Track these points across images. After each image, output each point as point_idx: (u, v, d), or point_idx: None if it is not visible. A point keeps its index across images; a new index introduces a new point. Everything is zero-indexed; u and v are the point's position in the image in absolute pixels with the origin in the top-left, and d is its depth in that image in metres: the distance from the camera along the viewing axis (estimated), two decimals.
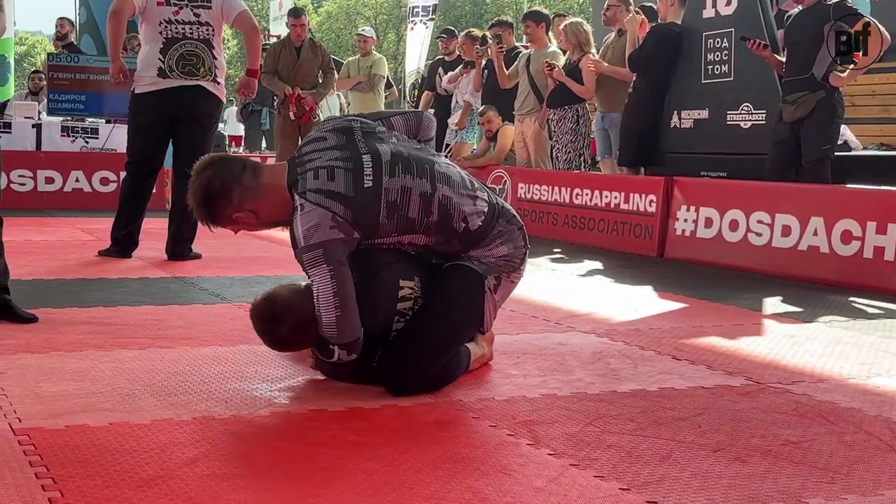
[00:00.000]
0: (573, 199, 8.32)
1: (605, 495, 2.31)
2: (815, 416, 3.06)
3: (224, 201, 3.07)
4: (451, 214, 3.15)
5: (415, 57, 16.78)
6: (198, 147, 6.31)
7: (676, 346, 4.06)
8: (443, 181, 3.17)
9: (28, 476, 2.31)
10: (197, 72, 6.18)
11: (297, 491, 2.27)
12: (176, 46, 6.13)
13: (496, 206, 3.32)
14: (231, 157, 3.22)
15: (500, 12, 41.58)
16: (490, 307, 3.30)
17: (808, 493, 2.36)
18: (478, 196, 3.26)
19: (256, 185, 3.08)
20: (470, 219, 3.19)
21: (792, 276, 6.13)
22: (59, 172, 10.39)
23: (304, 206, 3.00)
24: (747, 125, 7.65)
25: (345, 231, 2.99)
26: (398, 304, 3.15)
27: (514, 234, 3.34)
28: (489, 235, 3.26)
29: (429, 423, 2.91)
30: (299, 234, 3.00)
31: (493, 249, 3.27)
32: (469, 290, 3.24)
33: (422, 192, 3.11)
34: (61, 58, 11.47)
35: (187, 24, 6.15)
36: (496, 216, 3.28)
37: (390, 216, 3.06)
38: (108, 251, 6.41)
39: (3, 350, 3.63)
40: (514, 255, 3.33)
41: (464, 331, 3.30)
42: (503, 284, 3.33)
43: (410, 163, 3.14)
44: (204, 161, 3.11)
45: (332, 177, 3.02)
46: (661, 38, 8.15)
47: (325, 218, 2.97)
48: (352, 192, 3.01)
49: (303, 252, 3.00)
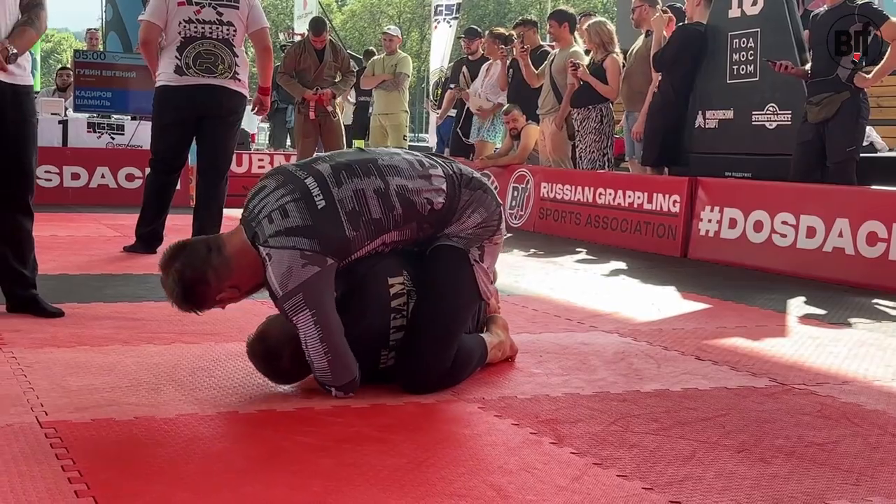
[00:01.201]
0: (596, 198, 8.30)
1: (628, 494, 2.31)
2: (839, 417, 3.04)
3: (203, 287, 3.00)
4: (413, 200, 3.09)
5: (438, 56, 16.78)
6: (222, 145, 6.36)
7: (700, 346, 4.05)
8: (391, 173, 3.10)
9: (55, 468, 2.33)
10: (215, 69, 6.20)
11: (322, 486, 2.28)
12: (193, 45, 6.16)
13: (455, 176, 3.22)
14: (194, 241, 3.10)
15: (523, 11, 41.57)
16: (482, 277, 3.24)
17: (832, 495, 2.35)
18: (431, 175, 3.17)
19: (226, 261, 2.99)
20: (432, 198, 3.12)
21: (817, 277, 6.10)
22: (84, 168, 10.45)
23: (270, 255, 2.93)
24: (772, 126, 7.61)
25: (318, 262, 2.92)
26: (392, 301, 3.12)
27: (483, 199, 3.25)
28: (457, 209, 3.19)
29: (451, 421, 2.91)
30: (275, 286, 2.93)
31: (466, 221, 3.20)
32: (456, 268, 3.20)
33: (375, 188, 3.05)
34: (88, 55, 11.55)
35: (208, 23, 6.18)
36: (458, 186, 3.20)
37: (356, 226, 3.00)
38: (133, 247, 6.45)
39: (30, 344, 3.66)
40: (488, 219, 3.25)
41: (464, 311, 3.27)
42: (487, 250, 3.26)
43: (353, 167, 3.08)
44: (167, 254, 3.02)
45: (285, 214, 2.95)
46: (686, 38, 8.12)
47: (294, 258, 2.91)
48: (309, 220, 2.94)
49: (283, 302, 2.94)
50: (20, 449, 2.47)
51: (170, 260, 3.00)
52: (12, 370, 3.27)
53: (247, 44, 6.74)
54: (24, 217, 4.21)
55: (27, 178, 4.19)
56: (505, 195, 9.60)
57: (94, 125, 11.16)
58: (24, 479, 2.25)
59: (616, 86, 8.80)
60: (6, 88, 4.06)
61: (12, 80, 4.08)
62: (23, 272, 4.23)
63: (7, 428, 2.63)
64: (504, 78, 10.31)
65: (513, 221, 9.37)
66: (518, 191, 9.44)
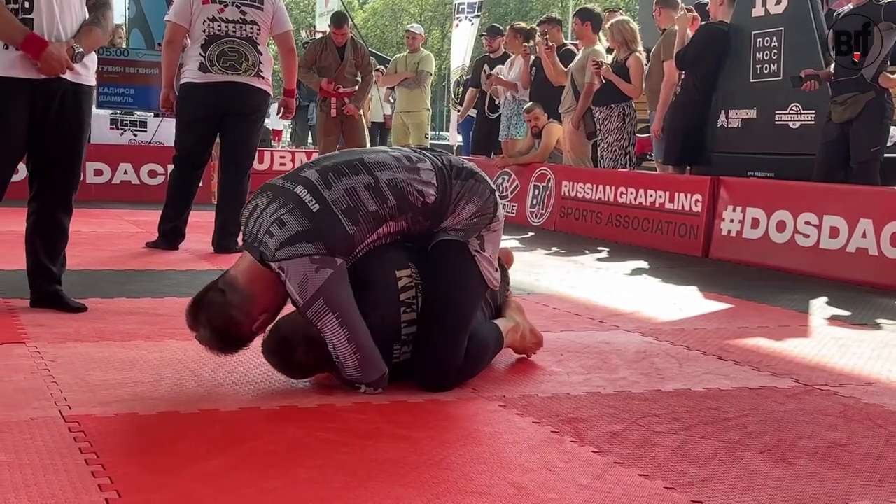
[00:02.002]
0: (617, 197, 8.29)
1: (649, 494, 2.30)
2: (862, 418, 3.03)
3: (235, 328, 3.02)
4: (405, 191, 3.08)
5: (460, 54, 16.77)
6: (245, 142, 6.39)
7: (722, 346, 4.04)
8: (379, 168, 3.09)
9: (78, 462, 2.35)
10: (239, 67, 6.22)
11: (343, 482, 2.28)
12: (217, 43, 6.18)
13: (444, 168, 3.20)
14: (204, 292, 3.07)
15: (545, 9, 41.49)
16: (485, 266, 3.23)
17: (854, 496, 2.34)
18: (420, 168, 3.15)
19: (244, 294, 3.00)
20: (423, 191, 3.11)
21: (839, 278, 6.07)
22: (107, 165, 10.50)
23: (284, 269, 2.93)
24: (796, 125, 7.58)
25: (328, 265, 2.93)
26: (400, 294, 3.12)
27: (475, 188, 3.23)
28: (451, 202, 3.17)
29: (472, 419, 2.91)
30: (295, 296, 2.95)
31: (461, 213, 3.19)
32: (457, 262, 3.18)
33: (365, 184, 3.04)
34: (111, 51, 11.60)
35: (231, 22, 6.20)
36: (447, 179, 3.18)
37: (354, 221, 3.00)
38: (156, 243, 6.49)
39: (53, 339, 3.68)
40: (483, 207, 3.22)
41: (470, 304, 3.25)
42: (487, 238, 3.24)
43: (340, 167, 3.08)
44: (189, 314, 3.04)
45: (282, 224, 2.95)
46: (709, 37, 8.09)
47: (305, 265, 2.91)
48: (308, 224, 2.94)
49: (305, 309, 2.95)
50: (44, 443, 2.48)
51: (193, 320, 3.03)
52: (36, 365, 3.29)
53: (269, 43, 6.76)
54: (63, 213, 4.26)
55: (74, 175, 4.25)
56: (526, 193, 9.59)
57: (117, 122, 11.21)
58: (48, 472, 2.27)
59: (639, 84, 8.78)
60: (68, 87, 4.10)
61: (76, 80, 4.13)
62: (50, 268, 4.26)
63: (31, 422, 2.65)
64: (527, 75, 10.30)
65: (533, 220, 9.37)
66: (539, 189, 9.43)
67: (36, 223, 4.24)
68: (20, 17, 3.97)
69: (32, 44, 3.95)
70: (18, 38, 3.95)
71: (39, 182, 4.20)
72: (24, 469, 2.28)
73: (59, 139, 4.14)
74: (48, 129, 4.10)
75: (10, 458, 2.35)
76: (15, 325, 3.90)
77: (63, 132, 4.14)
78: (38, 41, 3.95)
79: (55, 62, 3.97)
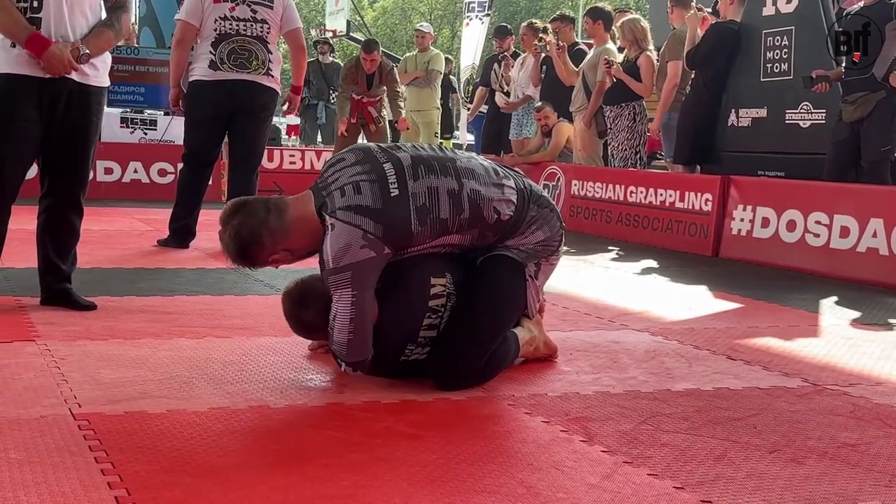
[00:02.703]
0: (627, 196, 8.28)
1: (658, 493, 2.30)
2: (872, 419, 3.02)
3: (257, 248, 3.04)
4: (482, 207, 3.11)
5: (470, 53, 16.76)
6: (253, 140, 6.40)
7: (731, 346, 4.03)
8: (468, 175, 3.13)
9: (88, 460, 2.35)
10: (249, 65, 6.23)
11: (352, 481, 2.28)
12: (228, 41, 6.19)
13: (525, 191, 3.25)
14: (254, 200, 3.16)
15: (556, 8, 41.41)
16: (532, 293, 3.27)
17: (864, 497, 2.33)
18: (504, 185, 3.19)
19: (283, 224, 3.04)
20: (500, 208, 3.14)
21: (850, 278, 6.05)
22: (117, 163, 10.51)
23: (334, 226, 2.96)
24: (806, 124, 7.56)
25: (375, 248, 2.95)
26: (430, 301, 3.14)
27: (549, 217, 3.28)
28: (523, 223, 3.21)
29: (482, 418, 2.91)
30: (328, 256, 2.96)
31: (529, 236, 3.23)
32: (510, 280, 3.22)
33: (449, 189, 3.07)
34: (121, 50, 11.62)
35: (242, 20, 6.21)
36: (527, 201, 3.23)
37: (422, 222, 3.02)
38: (166, 241, 6.50)
39: (64, 337, 3.69)
40: (550, 238, 3.28)
41: (508, 322, 3.30)
42: (543, 269, 3.29)
43: (432, 163, 3.11)
44: (228, 210, 3.09)
45: (357, 191, 2.98)
46: (719, 36, 8.08)
47: (356, 237, 2.94)
48: (379, 204, 2.97)
49: (331, 273, 2.97)
50: (53, 441, 2.49)
51: (229, 216, 3.07)
52: (46, 362, 3.30)
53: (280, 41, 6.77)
54: (73, 213, 4.27)
55: (81, 175, 4.26)
56: None
57: (128, 120, 11.24)
58: (58, 470, 2.27)
59: (650, 83, 8.77)
60: (74, 87, 4.10)
61: (83, 80, 4.12)
62: (60, 265, 4.27)
63: (41, 420, 2.66)
64: (537, 74, 10.30)
65: None
66: (549, 188, 9.42)
67: (46, 221, 4.26)
68: (28, 16, 3.99)
69: (36, 43, 3.96)
70: (22, 36, 3.97)
71: (49, 181, 4.22)
72: (34, 467, 2.28)
73: (65, 140, 4.15)
74: (56, 129, 4.12)
75: (20, 455, 2.36)
76: (25, 323, 3.91)
77: (69, 133, 4.14)
78: (42, 40, 3.97)
79: (57, 62, 3.98)
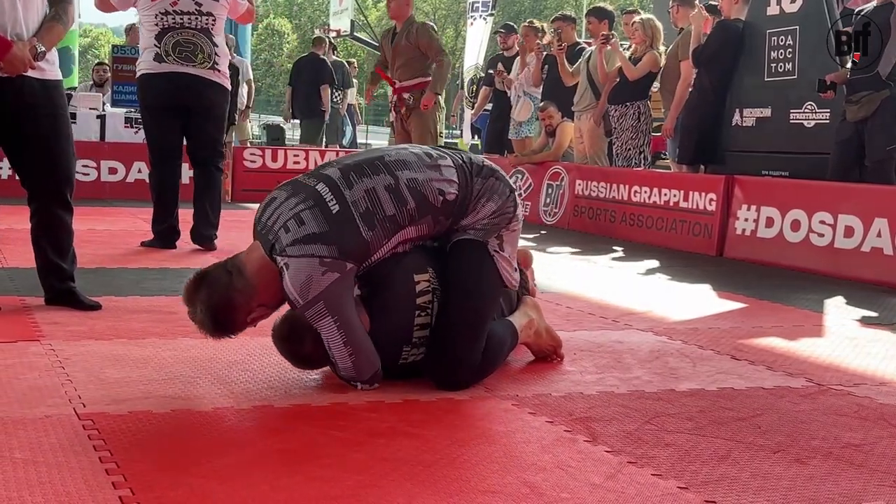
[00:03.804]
0: (631, 196, 8.27)
1: (662, 493, 2.30)
2: (876, 419, 3.02)
3: (233, 313, 3.00)
4: (425, 193, 3.07)
5: (473, 52, 16.76)
6: (205, 135, 6.39)
7: (735, 346, 4.03)
8: (400, 167, 3.09)
9: (92, 460, 2.35)
10: (194, 58, 6.22)
11: (356, 481, 2.28)
12: (171, 34, 6.18)
13: (465, 166, 3.20)
14: (212, 269, 3.06)
15: (559, 7, 41.42)
16: (504, 265, 3.23)
17: (868, 497, 2.33)
18: (441, 165, 3.15)
19: (249, 281, 2.98)
20: (443, 188, 3.10)
21: (854, 277, 6.04)
22: (122, 163, 10.53)
23: (289, 265, 2.91)
24: (810, 124, 7.55)
25: (337, 269, 2.92)
26: (417, 298, 3.12)
27: (495, 186, 3.22)
28: (472, 199, 3.16)
29: (485, 418, 2.91)
30: (294, 295, 2.92)
31: (481, 211, 3.18)
32: (476, 261, 3.18)
33: (386, 185, 3.04)
34: (125, 50, 11.64)
35: (186, 14, 6.19)
36: (469, 176, 3.18)
37: (371, 226, 2.98)
38: (151, 243, 6.45)
39: (68, 337, 3.70)
40: (503, 206, 3.22)
41: (489, 304, 3.25)
42: (506, 238, 3.24)
43: (362, 166, 3.08)
44: (189, 288, 3.02)
45: (300, 222, 2.94)
46: (726, 34, 8.07)
47: (314, 266, 2.90)
48: (325, 227, 2.93)
49: (304, 310, 2.93)
50: (58, 440, 2.49)
51: (193, 293, 3.01)
52: (50, 362, 3.30)
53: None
54: (63, 211, 4.25)
55: (63, 171, 4.22)
56: (539, 192, 9.58)
57: (132, 120, 11.23)
58: (62, 470, 2.27)
59: (640, 72, 8.74)
60: (35, 83, 4.10)
61: (41, 76, 4.12)
62: (61, 265, 4.27)
63: (45, 419, 2.66)
64: (538, 73, 10.29)
65: (547, 219, 9.36)
66: (552, 188, 9.42)
67: (39, 222, 4.25)
68: None
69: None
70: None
71: (30, 182, 4.20)
72: (39, 466, 2.29)
73: (38, 137, 4.13)
74: (26, 128, 4.10)
75: (25, 455, 2.36)
76: (29, 323, 3.92)
77: (42, 130, 4.13)
78: (3, 42, 3.95)
79: (19, 63, 3.98)
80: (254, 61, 27.12)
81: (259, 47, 39.12)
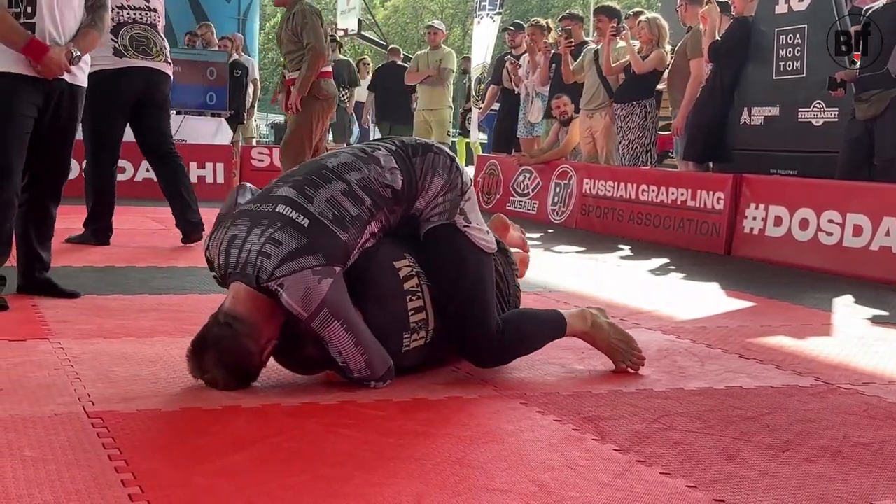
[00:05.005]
0: (639, 195, 8.27)
1: (671, 492, 2.29)
2: (886, 417, 3.01)
3: (249, 358, 2.97)
4: (374, 188, 3.08)
5: (481, 51, 16.74)
6: (162, 131, 6.47)
7: (744, 344, 4.02)
8: (344, 170, 3.09)
9: (101, 458, 2.36)
10: (151, 52, 6.29)
11: (364, 479, 2.28)
12: (126, 29, 6.23)
13: (400, 150, 3.20)
14: (209, 329, 3.00)
15: (567, 6, 41.37)
16: (477, 236, 3.23)
17: (878, 496, 2.32)
18: (379, 157, 3.15)
19: (249, 322, 2.94)
20: (390, 178, 3.11)
21: (863, 276, 6.03)
22: (130, 162, 10.50)
23: (283, 284, 2.88)
24: (819, 122, 7.54)
25: (329, 274, 2.91)
26: (404, 284, 3.14)
27: (436, 160, 3.22)
28: (418, 179, 3.17)
29: (493, 416, 2.91)
30: (297, 310, 2.89)
31: (430, 190, 3.18)
32: (453, 243, 3.20)
33: (341, 190, 3.04)
34: None
35: (138, 9, 6.29)
36: (407, 158, 3.18)
37: (344, 228, 2.99)
38: (82, 238, 6.33)
39: (77, 335, 3.71)
40: (450, 179, 3.22)
41: (477, 273, 3.23)
42: (468, 209, 3.24)
43: (312, 179, 3.08)
44: (194, 353, 2.98)
45: (277, 244, 2.91)
46: (742, 31, 8.05)
47: (307, 277, 2.88)
48: (303, 240, 2.92)
49: (310, 321, 2.90)
50: (67, 438, 2.50)
51: (200, 361, 2.98)
52: (59, 360, 3.31)
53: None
54: (53, 202, 4.41)
55: (66, 167, 4.42)
56: (547, 191, 9.58)
57: None
58: (72, 468, 2.28)
59: (647, 67, 8.74)
60: (66, 87, 4.24)
61: (72, 80, 4.27)
62: (41, 254, 4.42)
63: (54, 417, 2.67)
64: (546, 72, 10.29)
65: (555, 218, 9.36)
66: (560, 187, 9.41)
67: (28, 212, 4.36)
68: (22, 20, 4.08)
69: (34, 49, 4.06)
70: (20, 43, 4.05)
71: (32, 173, 4.30)
72: (48, 465, 2.29)
73: (53, 136, 4.28)
74: (46, 126, 4.23)
75: (35, 453, 2.37)
76: (38, 322, 3.93)
77: (59, 130, 4.28)
78: (40, 46, 4.07)
79: (55, 66, 4.11)
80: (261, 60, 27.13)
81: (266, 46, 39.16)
